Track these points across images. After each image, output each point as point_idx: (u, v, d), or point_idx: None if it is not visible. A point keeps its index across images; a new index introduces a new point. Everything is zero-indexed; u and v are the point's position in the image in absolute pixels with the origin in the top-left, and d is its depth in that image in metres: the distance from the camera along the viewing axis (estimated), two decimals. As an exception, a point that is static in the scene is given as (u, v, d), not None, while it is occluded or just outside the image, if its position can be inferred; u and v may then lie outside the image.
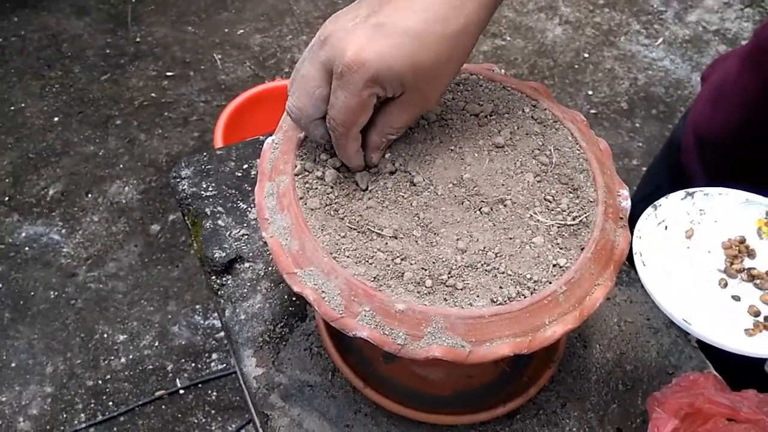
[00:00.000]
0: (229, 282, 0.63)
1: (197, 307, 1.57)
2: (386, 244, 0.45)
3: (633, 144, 1.98)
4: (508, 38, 2.26)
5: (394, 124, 0.46)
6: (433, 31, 0.42)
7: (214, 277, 0.63)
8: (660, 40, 2.31)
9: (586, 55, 2.23)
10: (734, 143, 0.63)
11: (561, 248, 0.46)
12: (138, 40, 2.15)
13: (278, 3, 2.29)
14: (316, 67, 0.43)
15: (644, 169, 1.89)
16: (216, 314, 1.55)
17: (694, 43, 2.30)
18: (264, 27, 2.22)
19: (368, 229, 0.46)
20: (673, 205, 0.51)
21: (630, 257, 0.49)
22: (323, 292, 0.44)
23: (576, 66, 2.19)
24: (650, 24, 2.36)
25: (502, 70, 0.56)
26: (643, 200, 0.53)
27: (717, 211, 0.52)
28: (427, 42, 0.42)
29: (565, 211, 0.47)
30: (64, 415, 1.40)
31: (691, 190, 0.52)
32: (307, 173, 0.48)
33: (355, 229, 0.46)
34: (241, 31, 2.20)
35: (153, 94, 2.00)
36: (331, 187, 0.48)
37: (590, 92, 2.12)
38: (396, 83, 0.42)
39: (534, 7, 2.38)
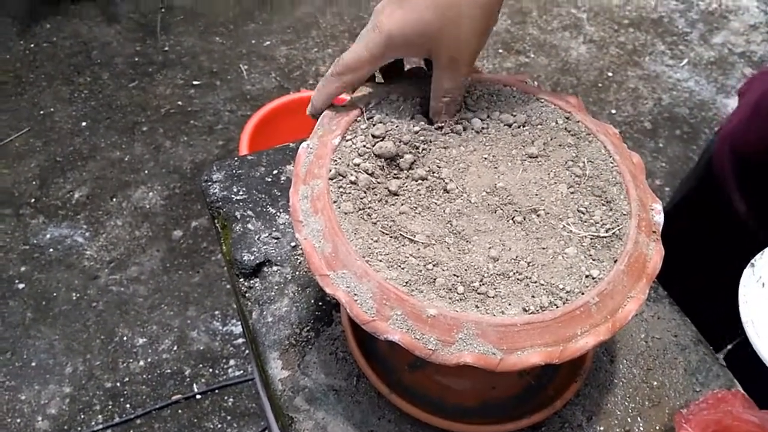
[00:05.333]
0: (256, 285, 0.63)
1: (216, 313, 1.58)
2: (418, 249, 0.46)
3: (656, 164, 1.97)
4: (532, 55, 2.26)
5: (439, 87, 0.51)
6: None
7: (242, 280, 0.64)
8: (685, 61, 2.30)
9: (610, 74, 2.23)
10: None
11: (594, 259, 0.46)
12: (166, 49, 2.19)
13: (305, 16, 2.32)
14: None
15: (667, 189, 1.87)
16: (234, 320, 1.56)
17: (719, 64, 2.29)
18: (290, 39, 2.24)
19: (401, 234, 0.46)
20: None
21: (660, 275, 0.49)
22: (355, 294, 0.44)
23: (600, 85, 2.19)
24: (675, 45, 2.36)
25: (536, 82, 0.57)
26: (670, 210, 0.53)
27: None
28: (437, 6, 0.47)
29: (598, 222, 0.47)
30: (82, 416, 1.41)
31: None
32: (341, 177, 0.49)
33: (387, 234, 0.46)
34: (268, 42, 2.23)
35: (179, 103, 2.03)
36: (365, 192, 0.48)
37: (613, 111, 2.11)
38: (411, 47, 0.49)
39: (558, 26, 2.39)
